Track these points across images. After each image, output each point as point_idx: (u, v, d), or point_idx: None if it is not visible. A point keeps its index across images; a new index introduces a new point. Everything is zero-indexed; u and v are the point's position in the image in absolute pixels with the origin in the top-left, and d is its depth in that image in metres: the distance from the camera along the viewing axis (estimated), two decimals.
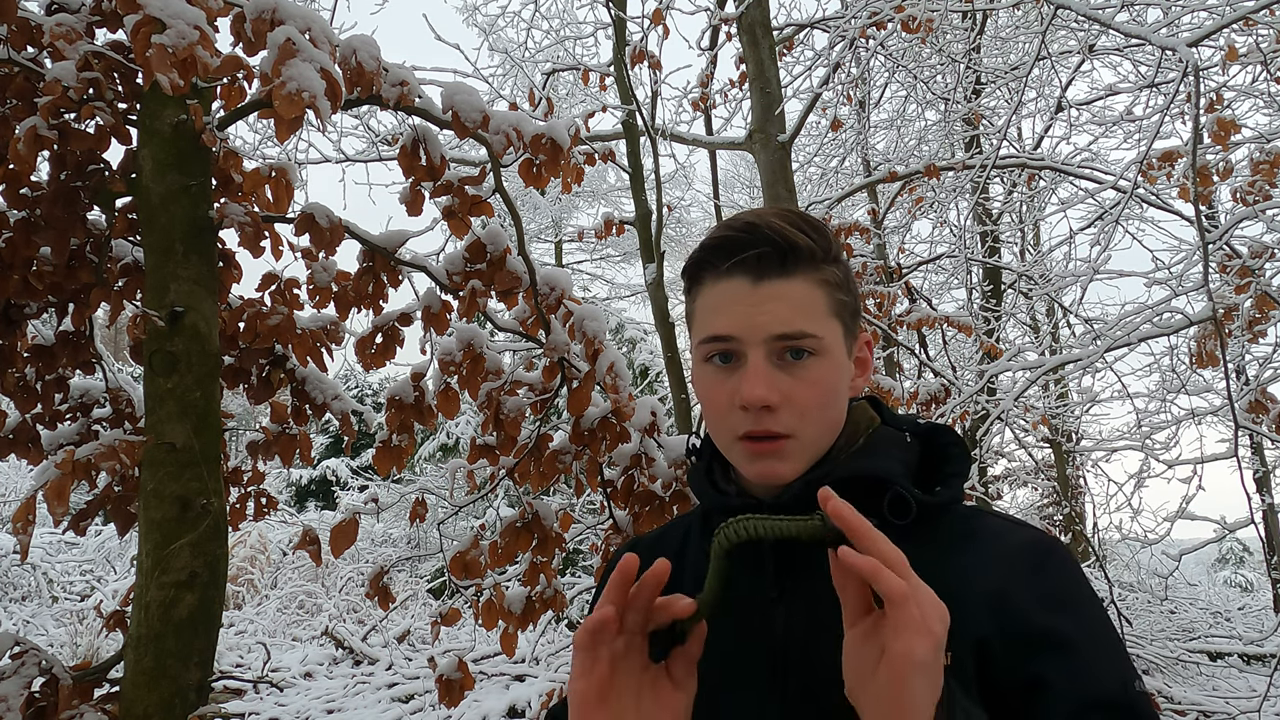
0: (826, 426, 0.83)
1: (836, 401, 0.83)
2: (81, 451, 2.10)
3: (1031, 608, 0.74)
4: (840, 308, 0.83)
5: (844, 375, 0.84)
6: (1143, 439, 5.36)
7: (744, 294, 0.81)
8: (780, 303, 0.80)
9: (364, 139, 6.84)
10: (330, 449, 20.00)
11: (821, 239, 0.82)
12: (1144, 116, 5.90)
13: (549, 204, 16.39)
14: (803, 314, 0.80)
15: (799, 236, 0.81)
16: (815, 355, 0.80)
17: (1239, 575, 18.47)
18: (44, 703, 2.21)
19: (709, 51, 6.06)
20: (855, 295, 0.86)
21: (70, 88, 2.18)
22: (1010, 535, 0.81)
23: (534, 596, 2.94)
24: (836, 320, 0.83)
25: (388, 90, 2.38)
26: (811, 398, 0.80)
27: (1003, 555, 0.78)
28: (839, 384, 0.83)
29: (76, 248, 2.54)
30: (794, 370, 0.80)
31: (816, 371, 0.81)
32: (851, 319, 0.85)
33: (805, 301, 0.80)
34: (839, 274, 0.84)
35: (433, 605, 9.13)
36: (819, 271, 0.82)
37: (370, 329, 2.85)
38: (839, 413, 0.84)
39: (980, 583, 0.76)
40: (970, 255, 8.51)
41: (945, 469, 0.84)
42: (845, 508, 0.66)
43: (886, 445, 0.85)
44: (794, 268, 0.81)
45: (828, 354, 0.81)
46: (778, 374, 0.80)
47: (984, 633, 0.74)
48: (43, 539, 11.85)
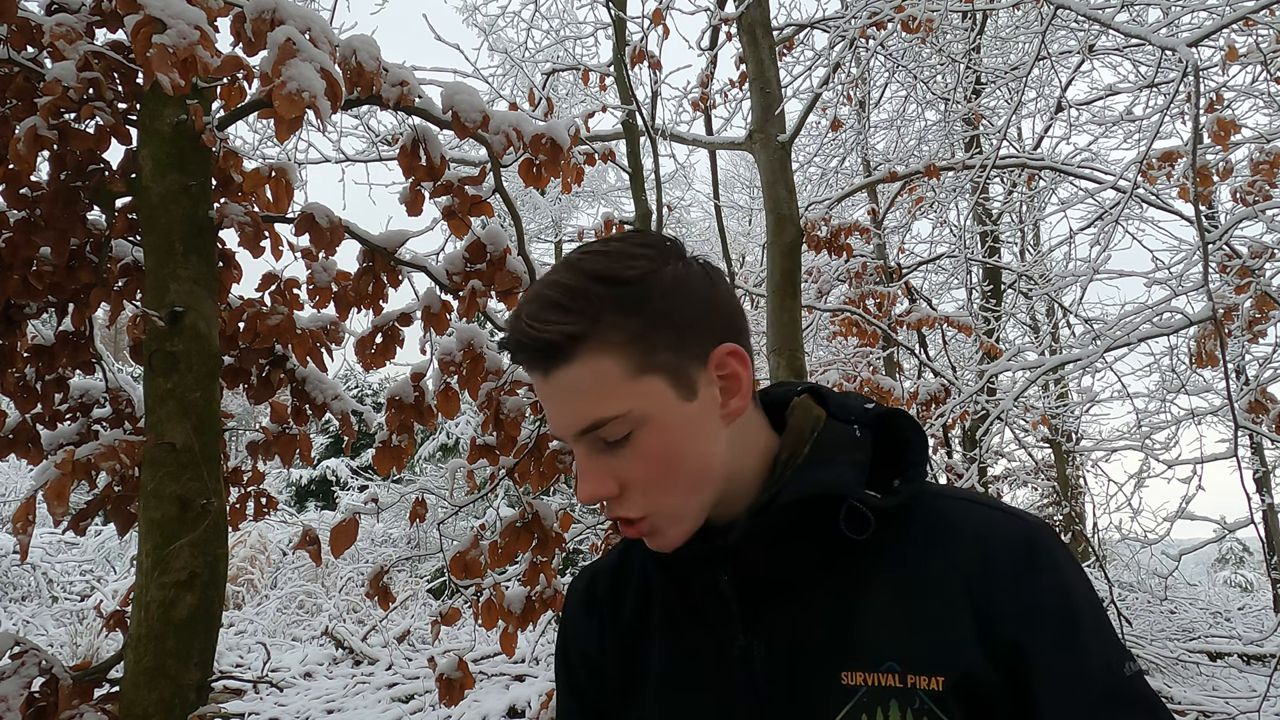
0: (690, 485, 0.74)
1: (686, 458, 0.73)
2: (81, 451, 2.10)
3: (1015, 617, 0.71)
4: (648, 357, 0.72)
5: (688, 424, 0.73)
6: (1143, 439, 5.36)
7: (544, 392, 0.74)
8: (570, 396, 0.72)
9: (364, 139, 6.84)
10: (330, 449, 20.00)
11: (585, 308, 0.71)
12: (1144, 116, 5.90)
13: (549, 204, 16.40)
14: (594, 400, 0.71)
15: (549, 330, 0.71)
16: (637, 428, 0.72)
17: (1239, 575, 18.47)
18: (44, 703, 2.21)
19: (709, 51, 6.06)
20: (672, 322, 0.73)
21: (70, 88, 2.18)
22: (992, 531, 0.75)
23: (534, 596, 2.94)
24: (648, 375, 0.72)
25: (388, 90, 2.38)
26: (647, 474, 0.73)
27: (983, 554, 0.73)
28: (681, 439, 0.73)
29: (76, 248, 2.54)
30: (620, 452, 0.73)
31: (642, 445, 0.72)
32: (674, 352, 0.73)
33: (594, 384, 0.71)
34: (625, 324, 0.71)
35: (433, 605, 9.12)
36: (599, 340, 0.71)
37: (370, 329, 2.85)
38: (702, 463, 0.74)
39: (960, 583, 0.72)
40: (970, 255, 8.52)
41: (903, 458, 0.78)
42: None
43: (835, 449, 0.77)
44: (567, 355, 0.71)
45: (649, 420, 0.72)
46: (607, 461, 0.74)
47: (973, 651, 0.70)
48: (43, 539, 11.85)
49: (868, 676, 0.71)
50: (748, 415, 0.78)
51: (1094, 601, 0.74)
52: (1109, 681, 0.70)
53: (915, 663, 0.70)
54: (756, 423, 0.80)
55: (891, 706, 0.70)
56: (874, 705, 0.70)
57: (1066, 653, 0.70)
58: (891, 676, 0.71)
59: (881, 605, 0.73)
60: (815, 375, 7.64)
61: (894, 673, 0.71)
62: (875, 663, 0.71)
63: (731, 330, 0.76)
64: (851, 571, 0.75)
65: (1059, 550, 0.74)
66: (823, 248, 6.12)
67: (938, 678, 0.70)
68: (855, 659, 0.72)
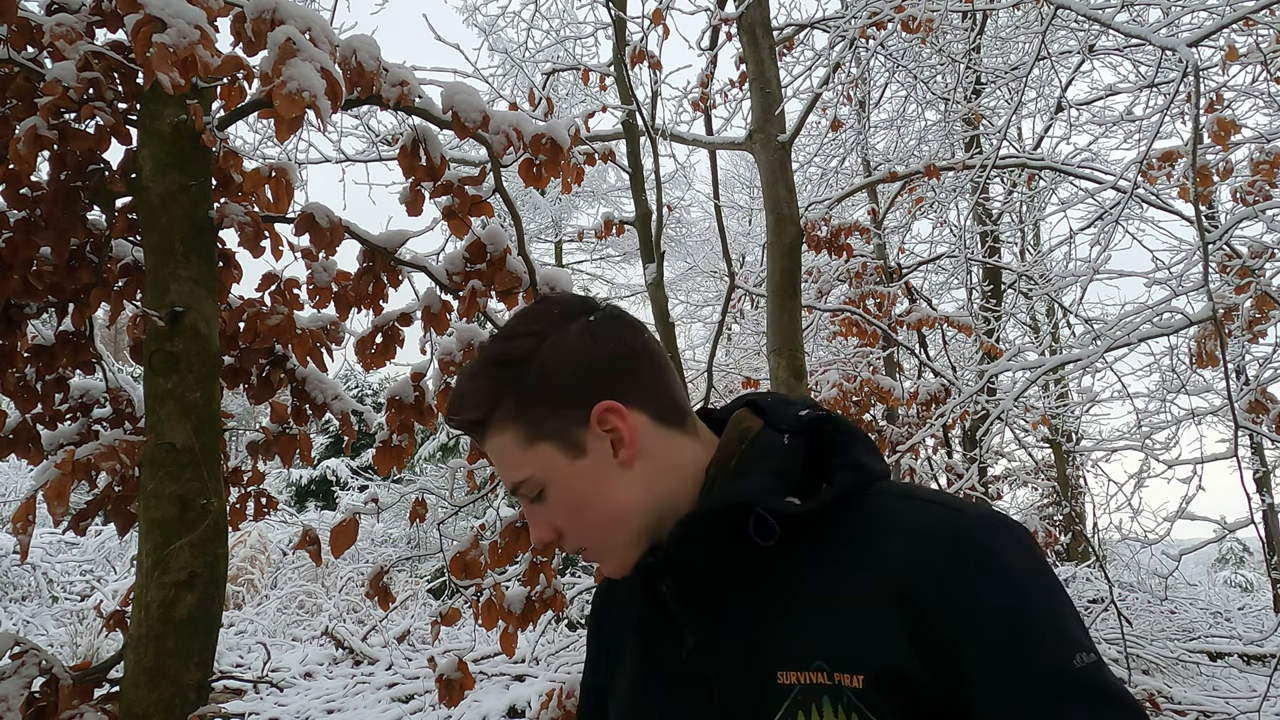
0: (604, 525, 0.83)
1: (591, 507, 0.83)
2: (81, 451, 2.10)
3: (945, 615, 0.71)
4: (536, 427, 0.82)
5: (584, 478, 0.82)
6: (1143, 439, 5.36)
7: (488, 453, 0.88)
8: (497, 459, 0.85)
9: (364, 139, 6.84)
10: (330, 449, 20.00)
11: (485, 396, 0.83)
12: (1144, 116, 5.90)
13: (549, 204, 16.41)
14: (509, 465, 0.84)
15: (461, 418, 0.85)
16: (545, 487, 0.83)
17: (1239, 575, 18.47)
18: (44, 703, 2.21)
19: (709, 51, 6.06)
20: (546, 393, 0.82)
21: (70, 88, 2.18)
22: (925, 528, 0.75)
23: (534, 596, 2.94)
24: (540, 442, 0.82)
25: (388, 90, 2.38)
26: (567, 520, 0.84)
27: (913, 551, 0.74)
28: (583, 490, 0.82)
29: (76, 248, 2.54)
30: (545, 503, 0.84)
31: (555, 499, 0.83)
32: (558, 420, 0.82)
33: (505, 453, 0.84)
34: (514, 402, 0.82)
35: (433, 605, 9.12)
36: (498, 419, 0.83)
37: (370, 329, 2.85)
38: (610, 508, 0.83)
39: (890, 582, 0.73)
40: (970, 255, 8.52)
41: (832, 461, 0.81)
42: None
43: (758, 459, 0.82)
44: (480, 434, 0.85)
45: (551, 479, 0.83)
46: (539, 510, 0.85)
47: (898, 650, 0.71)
48: (43, 539, 11.84)
49: (800, 675, 0.74)
50: (659, 447, 0.84)
51: (1042, 593, 0.72)
52: (1055, 677, 0.68)
53: (840, 661, 0.72)
54: (681, 447, 0.85)
55: (824, 703, 0.72)
56: (808, 702, 0.73)
57: (1002, 651, 0.69)
58: (821, 674, 0.73)
59: (811, 606, 0.76)
60: (815, 375, 7.64)
61: (823, 671, 0.73)
62: (805, 662, 0.74)
63: (611, 388, 0.83)
64: (783, 575, 0.78)
65: (1001, 542, 0.74)
66: (823, 248, 6.12)
67: (859, 675, 0.71)
68: (788, 659, 0.75)
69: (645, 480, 0.83)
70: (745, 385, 8.92)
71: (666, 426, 0.85)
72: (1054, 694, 0.68)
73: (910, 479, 6.99)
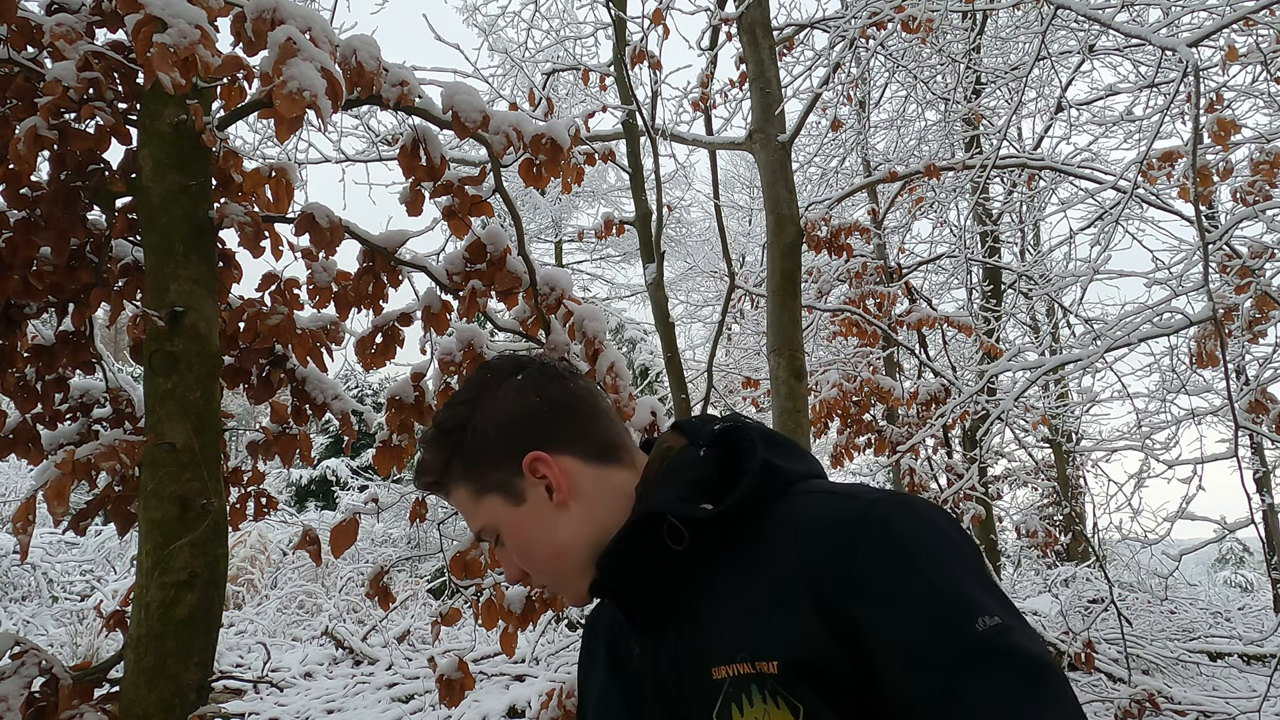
0: (550, 559, 0.92)
1: (538, 544, 0.92)
2: (81, 451, 2.10)
3: (847, 595, 0.74)
4: (480, 481, 0.92)
5: (527, 522, 0.91)
6: (1143, 439, 5.36)
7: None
8: (461, 513, 0.96)
9: (364, 139, 6.84)
10: (330, 449, 19.99)
11: (436, 462, 0.94)
12: (1144, 116, 5.90)
13: (549, 204, 16.41)
14: (468, 517, 0.95)
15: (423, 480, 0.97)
16: (499, 532, 0.93)
17: (1239, 575, 18.48)
18: (44, 703, 2.21)
19: (709, 51, 6.06)
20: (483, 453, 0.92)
21: (70, 88, 2.18)
22: (823, 514, 0.81)
23: (534, 596, 2.94)
24: (488, 494, 0.92)
25: (388, 90, 2.38)
26: (521, 560, 0.93)
27: (815, 538, 0.79)
28: (528, 534, 0.92)
29: (76, 248, 2.54)
30: (504, 546, 0.94)
31: (511, 542, 0.93)
32: (498, 473, 0.92)
33: (462, 506, 0.95)
34: (460, 464, 0.93)
35: (433, 605, 9.12)
36: (450, 480, 0.94)
37: (370, 329, 2.85)
38: (553, 545, 0.91)
39: (796, 569, 0.78)
40: (970, 255, 8.52)
41: (741, 466, 0.87)
42: None
43: (672, 474, 0.89)
44: (442, 493, 0.97)
45: (504, 525, 0.92)
46: (505, 553, 0.95)
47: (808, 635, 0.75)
48: (43, 539, 11.84)
49: (729, 668, 0.78)
50: (593, 485, 0.92)
51: (939, 563, 0.75)
52: (956, 642, 0.70)
53: (758, 650, 0.77)
54: (613, 481, 0.93)
55: (753, 691, 0.76)
56: (739, 693, 0.77)
57: (901, 622, 0.72)
58: (745, 665, 0.77)
59: (733, 603, 0.81)
60: (815, 375, 7.64)
61: (745, 661, 0.77)
62: (731, 655, 0.78)
63: (536, 438, 0.92)
64: (709, 578, 0.84)
65: (895, 520, 0.77)
66: (823, 248, 6.12)
67: (773, 662, 0.76)
68: (718, 655, 0.80)
69: (584, 515, 0.91)
70: (745, 385, 8.92)
71: (599, 464, 0.93)
72: (955, 658, 0.70)
73: (910, 479, 6.99)
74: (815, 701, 0.74)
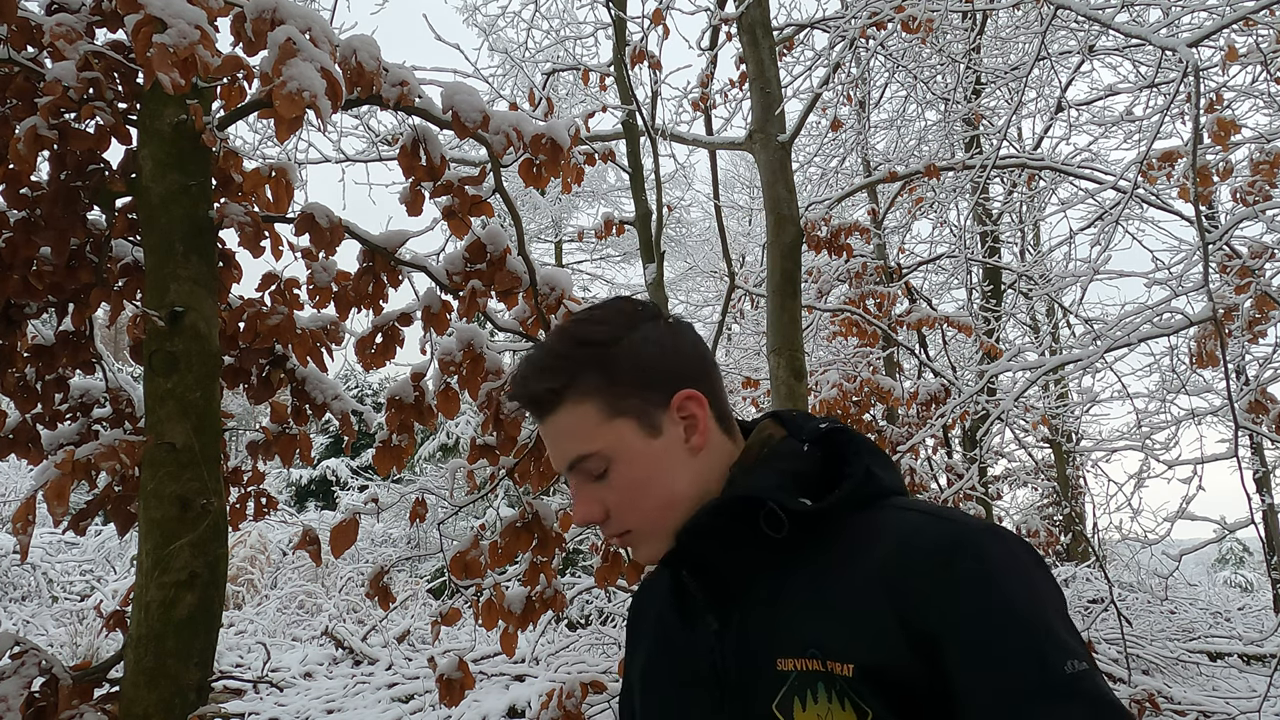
0: (660, 507, 0.88)
1: (657, 485, 0.88)
2: (81, 451, 2.10)
3: (934, 610, 0.75)
4: (617, 403, 0.87)
5: (655, 457, 0.88)
6: (1143, 439, 5.36)
7: (542, 434, 0.92)
8: (559, 437, 0.89)
9: (364, 139, 6.84)
10: (330, 449, 20.00)
11: (564, 368, 0.88)
12: (1144, 116, 5.90)
13: (549, 204, 16.39)
14: (576, 439, 0.87)
15: (537, 386, 0.89)
16: (611, 462, 0.87)
17: (1239, 575, 18.48)
18: (44, 703, 2.21)
19: (709, 51, 6.06)
20: (631, 373, 0.88)
21: (70, 88, 2.18)
22: (920, 533, 0.80)
23: (534, 596, 2.94)
24: (619, 418, 0.87)
25: (388, 90, 2.38)
26: (625, 500, 0.88)
27: (904, 555, 0.79)
28: (651, 470, 0.88)
29: (76, 248, 2.54)
30: (603, 482, 0.88)
31: (618, 476, 0.87)
32: (640, 399, 0.88)
33: (574, 426, 0.87)
34: (598, 377, 0.87)
35: (433, 605, 9.11)
36: (575, 392, 0.87)
37: (370, 329, 2.85)
38: (670, 488, 0.88)
39: (880, 581, 0.78)
40: (970, 255, 8.51)
41: (845, 469, 0.87)
42: None
43: (771, 461, 0.89)
44: (553, 404, 0.88)
45: (622, 455, 0.87)
46: (593, 489, 0.89)
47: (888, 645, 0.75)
48: (43, 539, 11.84)
49: (797, 662, 0.79)
50: (716, 444, 0.91)
51: (1033, 598, 0.75)
52: (1040, 676, 0.70)
53: (832, 651, 0.77)
54: (726, 449, 0.92)
55: (819, 689, 0.77)
56: (803, 688, 0.78)
57: (988, 645, 0.72)
58: (815, 662, 0.78)
59: (811, 600, 0.82)
60: (815, 375, 7.64)
61: (816, 659, 0.78)
62: (802, 649, 0.79)
63: (690, 378, 0.90)
64: (790, 570, 0.85)
65: (991, 549, 0.78)
66: (823, 248, 6.11)
67: (848, 665, 0.76)
68: (787, 647, 0.80)
69: (703, 471, 0.89)
70: (745, 385, 8.92)
71: (720, 427, 0.92)
72: (1038, 691, 0.70)
73: (910, 479, 6.99)
74: (883, 710, 0.74)
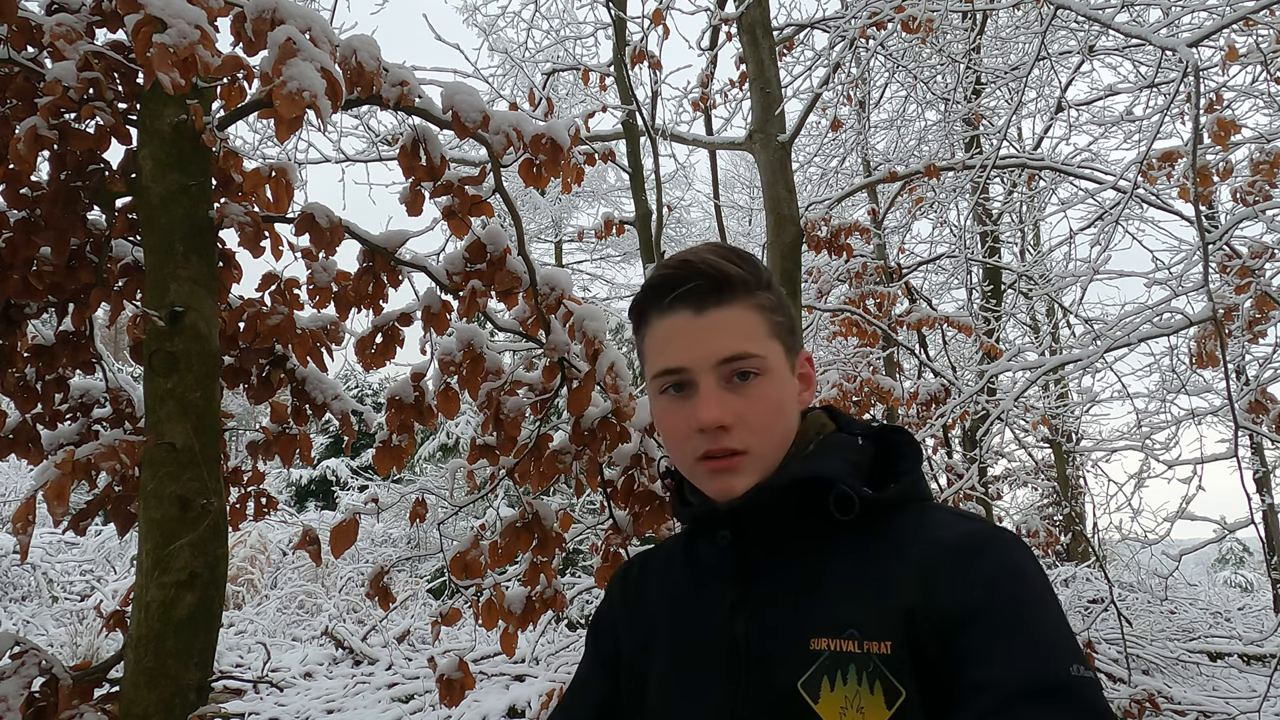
0: (778, 440, 0.89)
1: (785, 416, 0.90)
2: (81, 451, 2.10)
3: (960, 592, 0.77)
4: (777, 329, 0.90)
5: (789, 391, 0.91)
6: (1143, 439, 5.36)
7: (688, 325, 0.88)
8: (721, 330, 0.87)
9: (364, 139, 6.84)
10: (330, 449, 20.00)
11: (752, 268, 0.90)
12: (1144, 116, 5.90)
13: (549, 204, 16.39)
14: (743, 337, 0.87)
15: (730, 268, 0.88)
16: (760, 375, 0.87)
17: (1239, 575, 18.47)
18: (44, 703, 2.21)
19: (709, 51, 6.06)
20: (790, 317, 0.93)
21: (70, 88, 2.18)
22: (952, 527, 0.84)
23: (534, 596, 2.94)
24: (776, 341, 0.90)
25: (388, 90, 2.38)
26: (761, 414, 0.87)
27: (939, 547, 0.81)
28: (785, 400, 0.90)
29: (76, 248, 2.54)
30: (743, 390, 0.87)
31: (763, 389, 0.88)
32: (789, 338, 0.92)
33: (744, 326, 0.88)
34: (772, 299, 0.91)
35: (433, 605, 9.12)
36: (753, 298, 0.89)
37: (370, 329, 2.85)
38: (789, 427, 0.91)
39: (915, 569, 0.80)
40: (970, 255, 8.51)
41: (898, 466, 0.90)
42: None
43: (832, 449, 0.91)
44: (730, 297, 0.88)
45: (772, 373, 0.88)
46: (728, 396, 0.87)
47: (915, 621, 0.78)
48: (43, 539, 11.84)
49: (831, 642, 0.80)
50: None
51: (1046, 603, 0.77)
52: (1043, 673, 0.71)
53: (871, 630, 0.79)
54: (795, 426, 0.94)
55: (850, 670, 0.78)
56: (834, 668, 0.79)
57: (996, 632, 0.74)
58: (852, 643, 0.79)
59: (852, 583, 0.83)
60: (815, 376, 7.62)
61: (854, 639, 0.79)
62: (838, 630, 0.80)
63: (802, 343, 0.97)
64: (834, 552, 0.86)
65: (1019, 552, 0.81)
66: (823, 248, 6.11)
67: (887, 642, 0.78)
68: (823, 627, 0.81)
69: (793, 430, 0.92)
70: None
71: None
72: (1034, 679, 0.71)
73: None
74: (914, 692, 0.76)
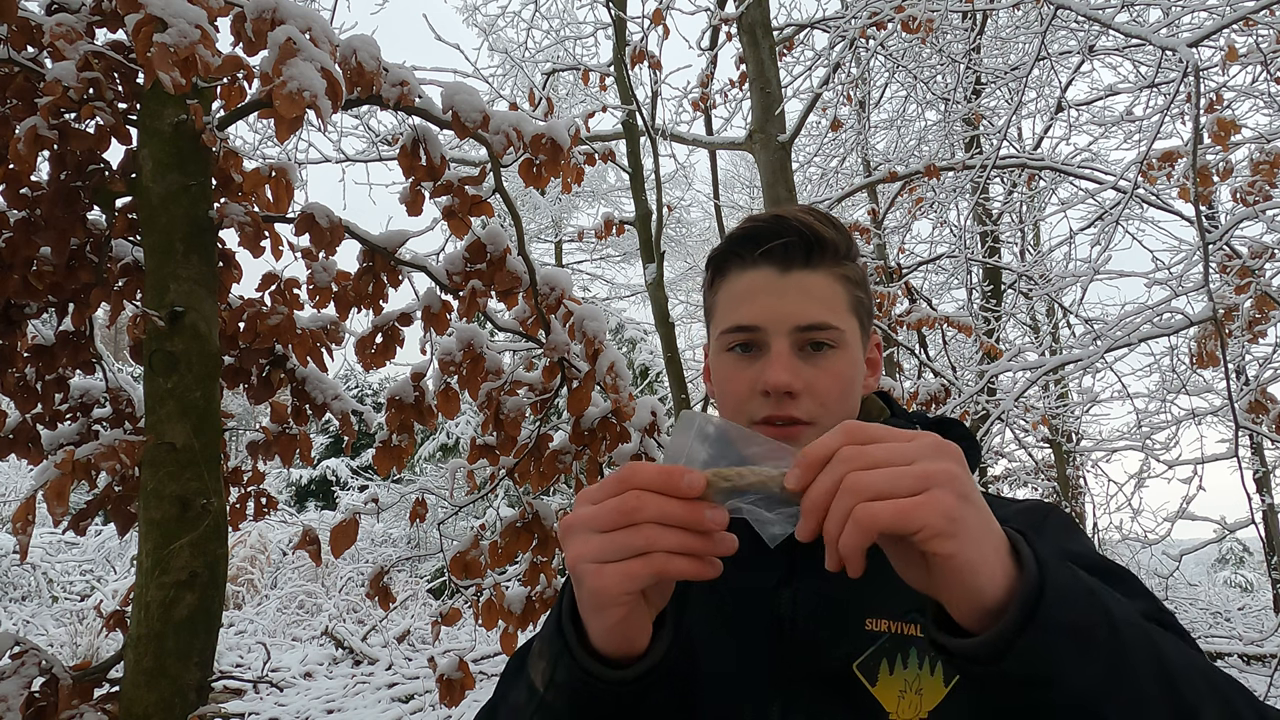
0: (841, 418, 0.84)
1: (851, 395, 0.85)
2: (81, 451, 2.10)
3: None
4: (858, 305, 0.87)
5: (860, 370, 0.87)
6: (1143, 439, 5.36)
7: (770, 284, 0.84)
8: (805, 294, 0.83)
9: (364, 139, 6.84)
10: (330, 449, 20.00)
11: (844, 237, 0.87)
12: (1144, 116, 5.90)
13: (549, 204, 16.39)
14: (825, 307, 0.83)
15: (825, 230, 0.85)
16: (835, 348, 0.83)
17: (1239, 575, 18.45)
18: (44, 703, 2.21)
19: (709, 51, 6.06)
20: (870, 295, 0.89)
21: (70, 88, 2.18)
22: (1008, 506, 0.85)
23: (534, 596, 2.94)
24: (854, 316, 0.86)
25: (388, 90, 2.38)
26: (832, 387, 0.83)
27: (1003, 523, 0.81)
28: (855, 377, 0.86)
29: (76, 248, 2.54)
30: (815, 361, 0.83)
31: (836, 363, 0.84)
32: (866, 317, 0.89)
33: (828, 295, 0.84)
34: (858, 272, 0.88)
35: (433, 605, 9.12)
36: (841, 267, 0.86)
37: (370, 329, 2.85)
38: (852, 407, 0.86)
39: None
40: (970, 255, 8.50)
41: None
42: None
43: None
44: (818, 261, 0.84)
45: (846, 347, 0.84)
46: (800, 365, 0.83)
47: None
48: (43, 539, 11.85)
49: (891, 624, 0.76)
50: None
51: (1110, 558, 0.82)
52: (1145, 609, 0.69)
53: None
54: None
55: (911, 653, 0.75)
56: (895, 651, 0.75)
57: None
58: (915, 627, 0.76)
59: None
60: None
61: (916, 623, 0.76)
62: (901, 613, 0.77)
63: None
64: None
65: (1075, 523, 0.84)
66: None
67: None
68: (881, 608, 0.77)
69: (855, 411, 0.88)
70: None
71: None
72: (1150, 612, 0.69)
73: None
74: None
